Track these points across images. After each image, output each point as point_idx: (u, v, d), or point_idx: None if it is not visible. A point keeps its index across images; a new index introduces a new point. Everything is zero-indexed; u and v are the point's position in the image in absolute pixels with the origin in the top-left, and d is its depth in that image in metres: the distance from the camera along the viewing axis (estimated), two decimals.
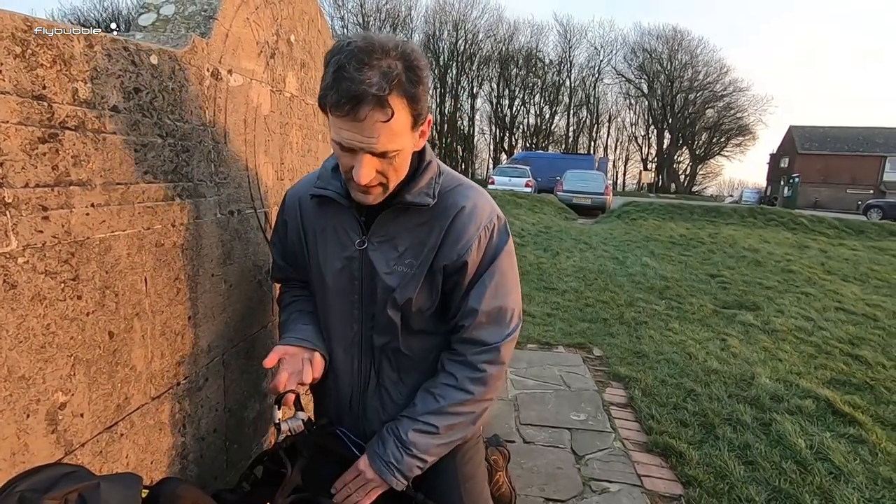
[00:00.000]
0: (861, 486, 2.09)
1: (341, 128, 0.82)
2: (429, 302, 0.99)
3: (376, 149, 0.83)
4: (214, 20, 1.08)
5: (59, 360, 0.72)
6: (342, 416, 1.10)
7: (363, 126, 0.80)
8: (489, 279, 0.98)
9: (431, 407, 0.98)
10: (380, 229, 0.98)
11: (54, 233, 0.70)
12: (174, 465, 1.01)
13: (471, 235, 0.95)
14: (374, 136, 0.81)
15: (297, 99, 1.50)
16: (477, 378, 0.98)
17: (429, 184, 0.96)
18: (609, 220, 12.26)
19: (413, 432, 0.97)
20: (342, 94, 0.77)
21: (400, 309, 0.98)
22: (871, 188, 35.82)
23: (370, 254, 0.98)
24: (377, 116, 0.79)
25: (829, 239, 10.19)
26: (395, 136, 0.83)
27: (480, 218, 0.97)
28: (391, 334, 1.01)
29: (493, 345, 0.99)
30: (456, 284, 0.98)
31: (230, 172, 1.15)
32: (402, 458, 0.97)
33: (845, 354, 3.71)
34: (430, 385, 1.01)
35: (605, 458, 2.27)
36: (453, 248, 0.95)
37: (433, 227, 0.96)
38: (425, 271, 0.96)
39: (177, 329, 0.99)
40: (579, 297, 5.04)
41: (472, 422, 1.02)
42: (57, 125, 0.70)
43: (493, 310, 0.98)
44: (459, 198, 0.97)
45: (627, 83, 49.75)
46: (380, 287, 0.98)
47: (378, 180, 0.88)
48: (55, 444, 0.72)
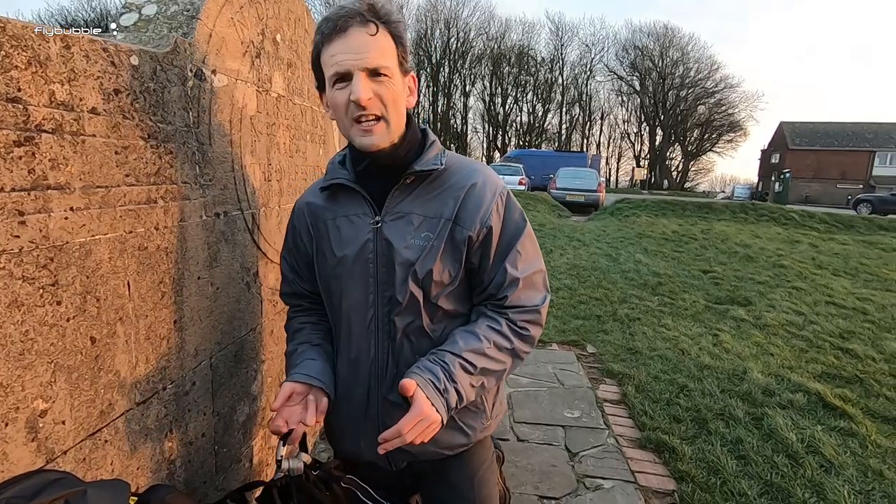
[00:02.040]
0: (851, 479, 2.11)
1: (333, 55, 0.88)
2: (449, 275, 0.97)
3: (368, 62, 0.87)
4: (197, 20, 1.07)
5: (38, 367, 0.71)
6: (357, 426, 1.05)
7: (351, 41, 0.87)
8: (521, 247, 0.99)
9: (474, 345, 0.95)
10: (393, 206, 0.97)
11: (31, 237, 0.69)
12: (161, 470, 1.00)
13: (489, 202, 0.97)
14: (363, 51, 0.87)
15: (284, 99, 1.49)
16: (519, 334, 0.99)
17: (436, 156, 0.99)
18: (602, 218, 12.31)
19: (458, 367, 0.93)
20: (330, 18, 0.88)
21: (421, 284, 0.96)
22: (860, 183, 36.20)
23: (385, 230, 0.97)
24: (363, 30, 0.87)
25: (819, 234, 10.29)
26: (384, 52, 0.89)
27: (495, 186, 1.00)
28: (413, 313, 0.98)
29: (534, 307, 1.00)
30: (483, 254, 0.98)
31: (215, 174, 1.14)
32: (449, 389, 0.92)
33: (836, 348, 3.74)
34: (470, 327, 0.99)
35: (599, 454, 2.27)
36: (475, 216, 0.96)
37: (447, 200, 0.97)
38: (443, 243, 0.96)
39: (162, 333, 0.98)
40: (573, 294, 5.06)
41: (499, 376, 1.00)
42: (33, 128, 0.69)
43: (530, 275, 1.00)
44: (470, 171, 1.00)
45: (619, 80, 49.99)
46: (398, 262, 0.95)
47: (377, 108, 0.90)
48: (36, 453, 0.71)
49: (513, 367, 1.02)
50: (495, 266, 0.98)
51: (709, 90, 47.02)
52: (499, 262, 0.98)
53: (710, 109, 47.61)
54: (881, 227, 11.21)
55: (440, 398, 0.90)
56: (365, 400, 1.03)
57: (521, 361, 1.03)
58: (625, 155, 54.06)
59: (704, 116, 48.02)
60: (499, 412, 1.13)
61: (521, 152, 26.55)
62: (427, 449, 1.01)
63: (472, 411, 1.05)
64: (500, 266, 0.98)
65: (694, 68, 47.16)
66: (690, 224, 10.42)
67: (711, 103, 47.34)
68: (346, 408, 1.05)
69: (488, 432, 1.11)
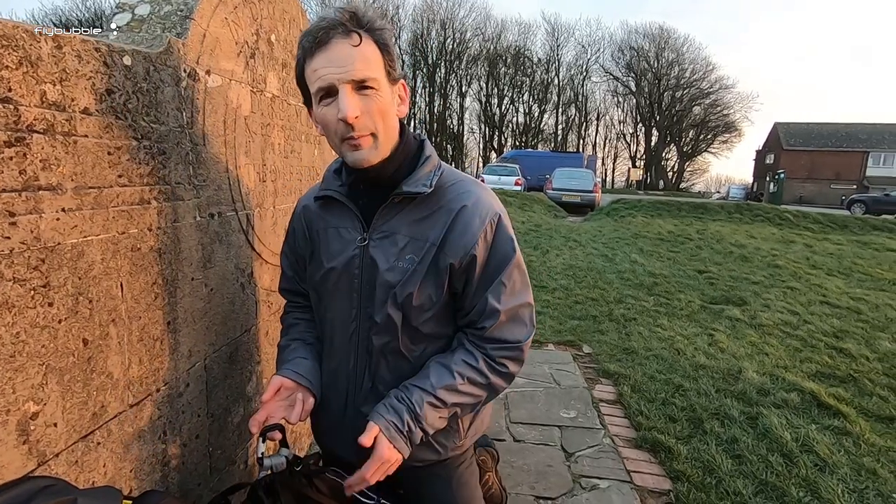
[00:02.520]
0: (845, 478, 2.12)
1: (316, 69, 0.85)
2: (430, 300, 0.95)
3: (352, 74, 0.84)
4: (191, 20, 1.07)
5: (29, 369, 0.71)
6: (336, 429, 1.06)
7: (333, 53, 0.84)
8: (507, 278, 0.95)
9: (446, 382, 0.94)
10: (380, 224, 0.96)
11: (22, 239, 0.68)
12: (155, 472, 1.00)
13: (476, 229, 0.93)
14: (346, 63, 0.84)
15: (279, 99, 1.49)
16: (496, 370, 0.97)
17: (427, 175, 0.95)
18: (598, 218, 12.33)
19: (427, 406, 0.93)
20: (310, 31, 0.85)
21: (400, 307, 0.95)
22: (854, 183, 36.41)
23: (371, 250, 0.95)
24: (346, 42, 0.84)
25: (813, 234, 10.34)
26: (368, 63, 0.85)
27: (487, 210, 0.95)
28: (391, 334, 0.97)
29: (515, 344, 0.98)
30: (467, 281, 0.95)
31: (209, 175, 1.14)
32: (414, 429, 0.92)
33: (830, 347, 3.76)
34: (445, 359, 0.97)
35: (595, 454, 2.28)
36: (459, 242, 0.92)
37: (435, 223, 0.94)
38: (426, 267, 0.93)
39: (155, 335, 0.98)
40: (569, 294, 5.06)
41: (473, 407, 0.99)
42: (24, 128, 0.69)
43: (513, 308, 0.97)
44: (462, 194, 0.96)
45: (615, 81, 50.10)
46: (380, 284, 0.95)
47: (366, 127, 0.87)
48: (27, 455, 0.71)
49: (489, 399, 1.01)
50: (477, 295, 0.95)
51: (704, 91, 47.20)
52: (481, 291, 0.95)
53: (705, 110, 47.79)
54: (875, 228, 11.27)
55: (402, 439, 0.92)
56: (342, 407, 1.04)
57: (498, 394, 1.02)
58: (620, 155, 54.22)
59: (700, 117, 48.19)
60: (477, 430, 1.12)
61: (518, 153, 26.57)
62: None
63: (446, 430, 1.04)
64: (483, 296, 0.95)
65: (689, 69, 47.35)
66: (686, 224, 10.46)
67: (707, 104, 47.53)
68: (327, 411, 1.07)
69: (461, 451, 1.09)
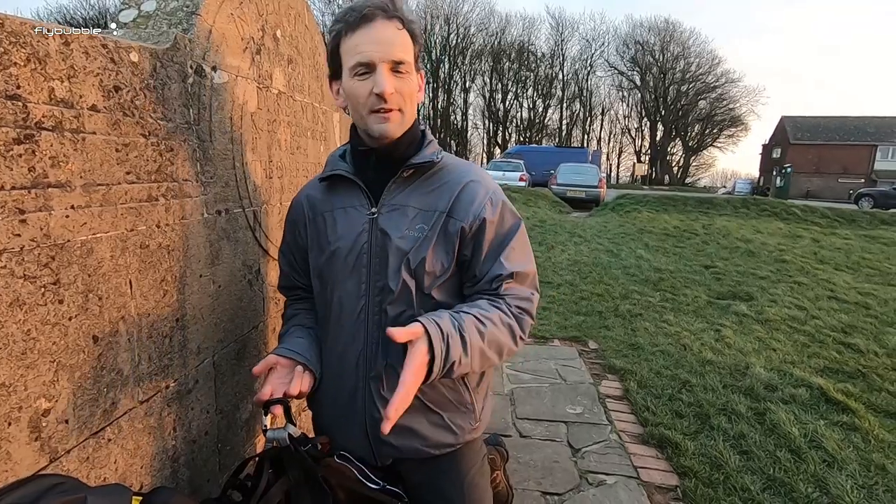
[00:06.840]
0: (854, 473, 2.11)
1: (357, 44, 0.90)
2: (442, 266, 0.98)
3: (393, 55, 0.90)
4: (197, 16, 1.06)
5: (41, 367, 0.71)
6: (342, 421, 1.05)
7: (376, 32, 0.90)
8: (516, 244, 1.01)
9: (484, 311, 0.94)
10: (390, 198, 1.00)
11: (32, 236, 0.68)
12: (165, 469, 1.00)
13: (482, 198, 0.99)
14: (389, 43, 0.90)
15: (285, 95, 1.48)
16: (516, 316, 0.99)
17: (433, 152, 1.02)
18: (603, 213, 12.28)
19: (468, 322, 0.89)
20: (355, 8, 0.90)
21: (414, 273, 0.97)
22: (862, 177, 36.09)
23: (381, 220, 0.99)
24: (389, 24, 0.90)
25: (821, 228, 10.26)
26: (406, 47, 0.92)
27: (489, 186, 1.03)
28: (406, 302, 0.98)
29: (526, 297, 1.02)
30: (476, 247, 0.99)
31: (216, 171, 1.14)
32: (453, 340, 0.86)
33: (838, 343, 3.74)
34: (473, 302, 0.97)
35: (602, 450, 2.28)
36: (468, 208, 0.98)
37: (442, 195, 0.99)
38: (437, 234, 0.97)
39: (164, 332, 0.98)
40: (574, 290, 5.05)
41: (500, 351, 0.96)
42: (33, 125, 0.68)
43: (523, 272, 1.01)
44: (467, 170, 1.04)
45: (620, 75, 49.85)
46: (392, 252, 0.97)
47: (397, 103, 0.93)
48: (39, 452, 0.71)
49: (507, 355, 1.00)
50: (489, 260, 0.99)
51: (710, 85, 46.90)
52: (492, 257, 0.99)
53: (710, 104, 47.51)
54: (883, 222, 11.18)
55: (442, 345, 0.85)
56: (352, 392, 1.03)
57: (515, 352, 1.01)
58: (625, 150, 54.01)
59: (705, 111, 47.90)
60: (487, 416, 1.14)
61: (522, 148, 26.51)
62: (413, 445, 1.02)
63: (462, 411, 1.05)
64: (495, 261, 0.99)
65: (695, 63, 47.07)
66: (692, 219, 10.40)
67: (712, 98, 47.24)
68: (332, 403, 1.06)
69: (476, 434, 1.10)
